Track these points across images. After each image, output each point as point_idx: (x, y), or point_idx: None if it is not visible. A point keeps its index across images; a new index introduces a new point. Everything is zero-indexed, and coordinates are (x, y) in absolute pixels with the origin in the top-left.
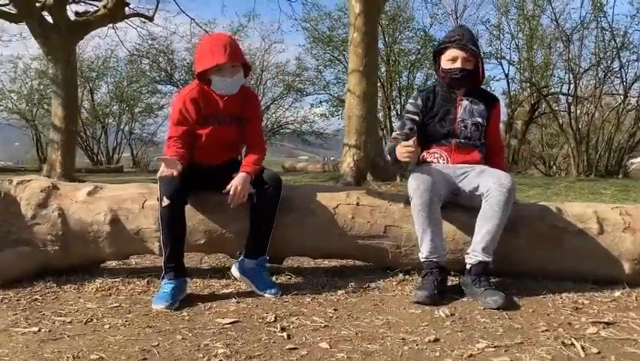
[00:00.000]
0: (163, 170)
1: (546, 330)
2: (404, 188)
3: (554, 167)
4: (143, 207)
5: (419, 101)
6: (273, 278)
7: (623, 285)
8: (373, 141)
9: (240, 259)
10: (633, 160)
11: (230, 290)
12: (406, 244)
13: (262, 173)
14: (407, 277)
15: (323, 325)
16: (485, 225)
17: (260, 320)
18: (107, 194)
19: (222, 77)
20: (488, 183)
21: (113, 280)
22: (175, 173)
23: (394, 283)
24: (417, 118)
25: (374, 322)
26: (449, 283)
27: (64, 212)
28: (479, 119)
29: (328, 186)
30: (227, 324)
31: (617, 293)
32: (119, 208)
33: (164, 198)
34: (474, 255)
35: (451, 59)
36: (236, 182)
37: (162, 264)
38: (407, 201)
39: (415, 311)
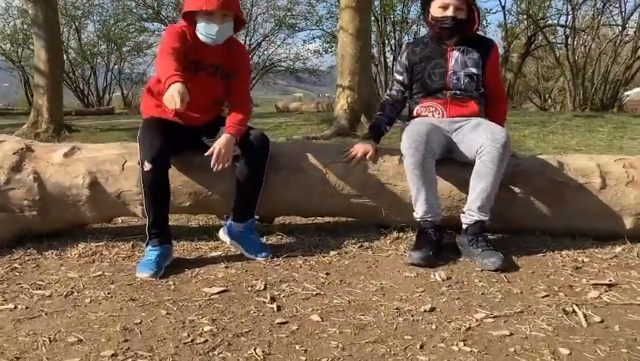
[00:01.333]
0: (173, 99)
1: (546, 295)
2: (398, 129)
3: (550, 100)
4: (123, 168)
5: (404, 59)
6: (264, 239)
7: (624, 240)
8: (367, 81)
9: (227, 222)
10: (628, 92)
11: (219, 253)
12: (399, 202)
13: (248, 133)
14: (401, 234)
15: (314, 293)
16: (480, 183)
17: (249, 289)
18: (85, 155)
19: (208, 23)
20: (481, 138)
21: (97, 244)
22: (181, 103)
23: (388, 242)
24: (401, 78)
25: (367, 287)
26: (445, 242)
27: (40, 176)
28: (473, 70)
29: (320, 143)
30: (214, 294)
31: (618, 249)
32: (97, 171)
33: (146, 163)
34: (470, 214)
35: (442, 7)
36: (219, 144)
37: (146, 230)
38: (401, 158)
39: (410, 275)
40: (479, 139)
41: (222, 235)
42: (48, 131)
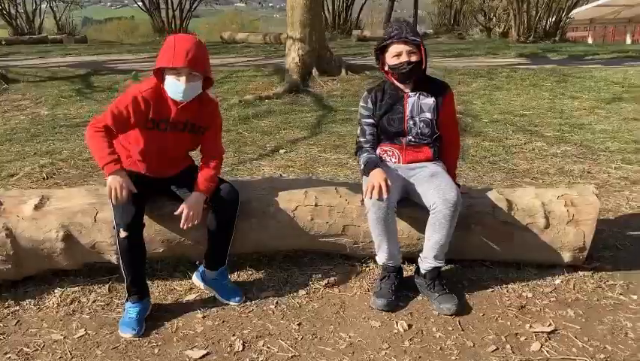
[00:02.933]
0: (116, 194)
1: (495, 349)
2: (350, 84)
3: (494, 19)
4: (95, 220)
5: (369, 103)
6: (235, 275)
7: (562, 271)
8: (318, 33)
9: (200, 268)
10: (572, 13)
11: (193, 296)
12: (363, 240)
13: (218, 188)
14: (364, 267)
15: (290, 355)
16: (434, 235)
17: (229, 350)
18: (55, 207)
19: (176, 81)
20: (434, 197)
21: (73, 288)
22: (126, 195)
23: (353, 277)
24: (371, 120)
25: (338, 343)
26: (405, 275)
27: (12, 231)
28: (428, 115)
29: (287, 182)
30: (198, 359)
31: (557, 281)
32: (70, 223)
33: (121, 230)
34: (427, 261)
35: (396, 55)
36: (189, 205)
37: (125, 288)
38: (362, 200)
39: (375, 325)
40: (432, 197)
41: (196, 280)
42: None
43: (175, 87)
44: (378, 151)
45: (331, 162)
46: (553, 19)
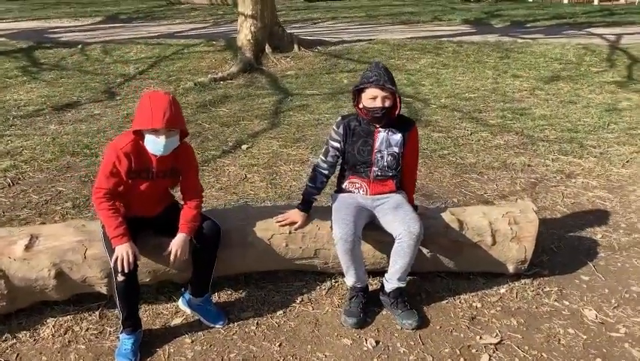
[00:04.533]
0: (122, 261)
1: None
2: (303, 61)
3: None
4: (85, 257)
5: (341, 130)
6: (215, 296)
7: (507, 280)
8: (270, 8)
9: (186, 295)
10: None
11: (180, 320)
12: (333, 261)
13: (201, 226)
14: (334, 283)
15: None
16: (399, 261)
17: None
18: (45, 246)
19: (156, 138)
20: (399, 228)
21: (64, 317)
22: (132, 262)
23: (324, 293)
24: (339, 145)
25: None
26: (370, 288)
27: (5, 273)
28: (395, 149)
29: (262, 211)
30: None
31: (502, 290)
32: (61, 261)
33: (119, 275)
34: (391, 282)
35: (372, 98)
36: (176, 246)
37: (120, 321)
38: (331, 226)
39: (347, 343)
40: (398, 228)
41: (182, 305)
42: None
43: (155, 145)
44: (345, 183)
45: (293, 159)
46: None
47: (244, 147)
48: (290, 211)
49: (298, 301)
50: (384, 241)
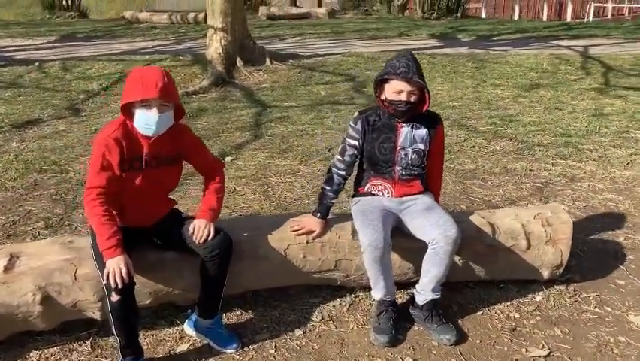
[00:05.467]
0: (114, 275)
1: None
2: (277, 74)
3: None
4: (75, 278)
5: (359, 126)
6: (224, 318)
7: (541, 286)
8: (240, 21)
9: (192, 317)
10: None
11: (186, 347)
12: (355, 273)
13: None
14: (354, 298)
15: None
16: (433, 269)
17: None
18: (28, 266)
19: (147, 113)
20: (434, 233)
21: (51, 349)
22: (126, 276)
23: (345, 310)
24: (356, 143)
25: None
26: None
27: None
28: (420, 146)
29: (273, 220)
30: None
31: (538, 298)
32: (47, 284)
33: (113, 294)
34: (424, 294)
35: (397, 91)
36: (199, 222)
37: (118, 350)
38: (353, 232)
39: None
40: (432, 232)
41: (188, 329)
42: None
43: (146, 120)
44: (367, 186)
45: (283, 170)
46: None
47: (228, 159)
48: (305, 218)
49: (318, 320)
50: (412, 248)
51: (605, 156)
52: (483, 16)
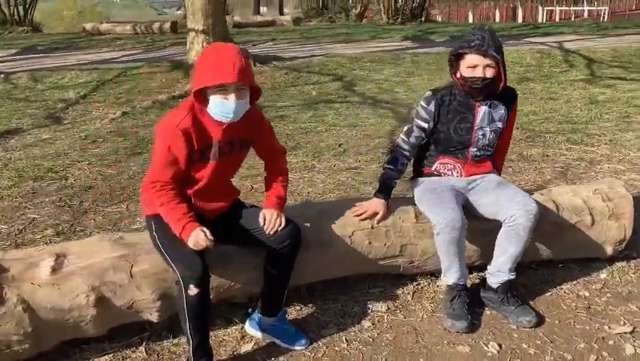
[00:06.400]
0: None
1: (597, 358)
2: (263, 76)
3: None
4: (131, 276)
5: (432, 107)
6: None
7: (603, 264)
8: (221, 23)
9: (254, 315)
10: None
11: (250, 346)
12: (419, 258)
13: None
14: (416, 285)
15: None
16: (510, 247)
17: None
18: (78, 265)
19: (224, 100)
20: (512, 208)
21: (100, 358)
22: (210, 238)
23: (409, 298)
24: (426, 126)
25: None
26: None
27: (29, 304)
28: (499, 125)
29: (334, 205)
30: None
31: (603, 275)
32: (102, 283)
33: (192, 287)
34: (500, 274)
35: (472, 66)
36: (269, 212)
37: (190, 353)
38: (417, 215)
39: (465, 350)
40: (509, 208)
41: (251, 330)
42: None
43: (223, 108)
44: (435, 165)
45: (297, 167)
46: (418, 2)
47: None
48: (366, 202)
49: (384, 310)
50: (478, 229)
51: (616, 140)
52: (439, 20)
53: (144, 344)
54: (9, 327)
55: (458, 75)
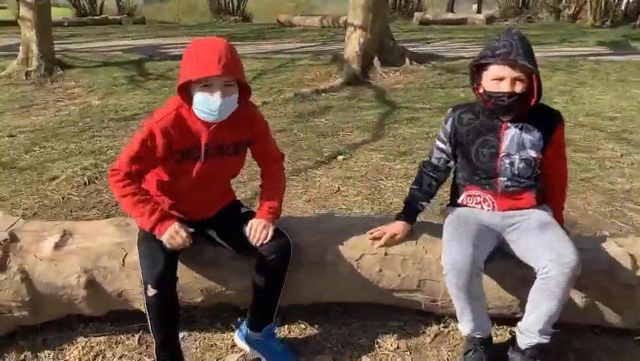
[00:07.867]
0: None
1: None
2: (414, 75)
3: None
4: (123, 264)
5: (448, 126)
6: (285, 329)
7: None
8: (382, 19)
9: (243, 327)
10: None
11: (236, 358)
12: (443, 298)
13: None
14: (442, 328)
15: None
16: (542, 304)
17: None
18: (79, 245)
19: (209, 96)
20: (544, 258)
21: (97, 338)
22: (187, 239)
23: (428, 340)
24: (444, 147)
25: None
26: (495, 339)
27: (28, 275)
28: (532, 153)
29: (346, 223)
30: None
31: None
32: (94, 268)
33: (149, 288)
34: (529, 335)
35: (497, 79)
36: (258, 222)
37: (154, 351)
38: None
39: None
40: (542, 257)
41: (239, 340)
42: (40, 70)
43: (207, 105)
44: (462, 197)
45: (396, 174)
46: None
47: (340, 157)
48: (388, 224)
49: (392, 348)
50: (517, 276)
51: None
52: None
53: (140, 332)
54: (7, 294)
55: (481, 90)
